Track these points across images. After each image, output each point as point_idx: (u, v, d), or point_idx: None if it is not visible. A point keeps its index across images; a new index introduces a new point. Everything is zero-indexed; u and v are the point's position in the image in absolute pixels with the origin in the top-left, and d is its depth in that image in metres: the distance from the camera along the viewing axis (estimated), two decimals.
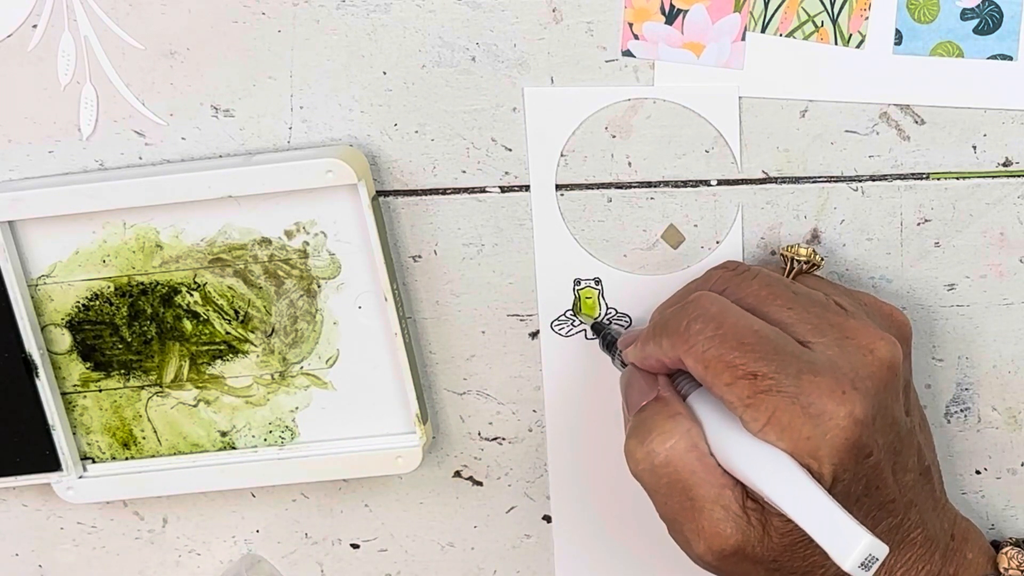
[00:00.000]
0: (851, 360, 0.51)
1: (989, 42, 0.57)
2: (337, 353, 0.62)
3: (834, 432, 0.50)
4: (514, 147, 0.60)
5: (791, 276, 0.57)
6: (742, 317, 0.52)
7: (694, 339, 0.51)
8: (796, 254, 0.57)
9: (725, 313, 0.52)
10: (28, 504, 0.68)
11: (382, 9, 0.58)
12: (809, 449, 0.50)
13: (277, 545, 0.68)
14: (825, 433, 0.49)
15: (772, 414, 0.50)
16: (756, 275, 0.55)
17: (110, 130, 0.61)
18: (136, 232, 0.61)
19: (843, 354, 0.51)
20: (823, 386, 0.50)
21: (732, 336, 0.51)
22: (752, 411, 0.50)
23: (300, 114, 0.60)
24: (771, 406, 0.50)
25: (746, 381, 0.50)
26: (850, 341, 0.52)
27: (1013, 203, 0.60)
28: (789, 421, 0.50)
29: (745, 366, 0.50)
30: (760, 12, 0.57)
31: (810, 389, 0.50)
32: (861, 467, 0.51)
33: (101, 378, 0.63)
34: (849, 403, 0.50)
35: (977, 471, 0.64)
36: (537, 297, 0.62)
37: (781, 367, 0.50)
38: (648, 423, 0.53)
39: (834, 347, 0.52)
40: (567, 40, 0.58)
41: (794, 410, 0.50)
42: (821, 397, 0.50)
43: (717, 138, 0.59)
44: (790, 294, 0.54)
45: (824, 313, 0.53)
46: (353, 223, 0.60)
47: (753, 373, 0.50)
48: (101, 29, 0.59)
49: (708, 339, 0.51)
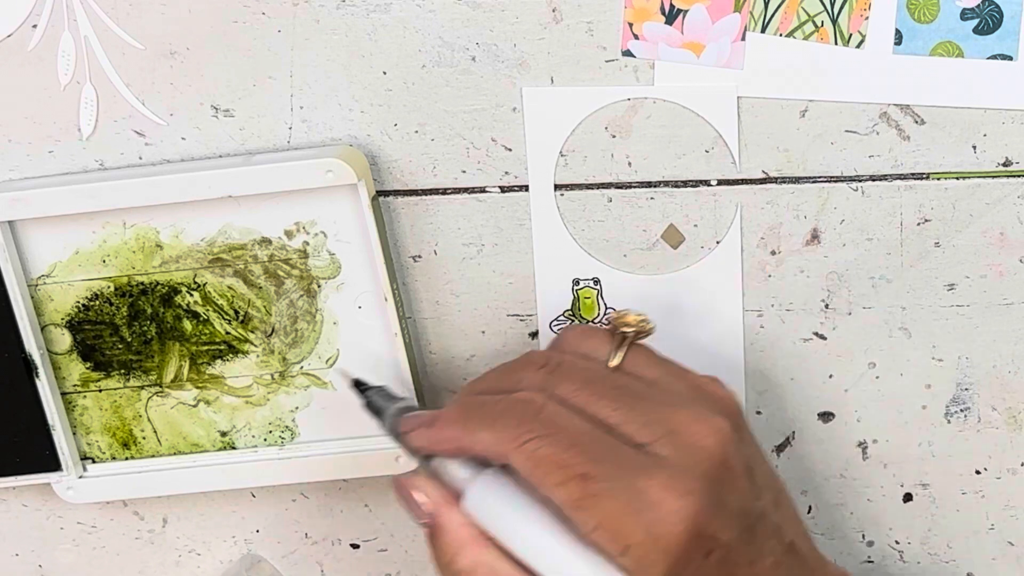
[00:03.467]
0: (681, 458, 0.50)
1: (989, 42, 0.57)
2: (337, 353, 0.62)
3: (667, 536, 0.48)
4: (514, 147, 0.60)
5: (620, 349, 0.54)
6: (574, 417, 0.51)
7: (524, 437, 0.50)
8: (625, 324, 0.54)
9: (557, 413, 0.51)
10: (28, 504, 0.68)
11: (382, 9, 0.58)
12: (639, 554, 0.49)
13: (277, 545, 0.68)
14: (657, 538, 0.48)
15: (602, 518, 0.49)
16: (571, 370, 0.53)
17: (110, 130, 0.61)
18: (136, 232, 0.61)
19: (674, 452, 0.50)
20: (655, 488, 0.49)
21: (564, 436, 0.50)
22: (582, 513, 0.49)
23: (300, 114, 0.60)
24: (602, 509, 0.48)
25: (576, 482, 0.49)
26: (678, 437, 0.50)
27: (1013, 203, 0.60)
28: (619, 526, 0.48)
29: (577, 467, 0.49)
30: (760, 12, 0.57)
31: (642, 492, 0.49)
32: (703, 568, 0.50)
33: (101, 378, 0.63)
34: (682, 504, 0.49)
35: (977, 471, 0.64)
36: (536, 297, 0.62)
37: (613, 469, 0.49)
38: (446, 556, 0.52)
39: (664, 445, 0.50)
40: (567, 40, 0.58)
41: (625, 514, 0.48)
42: (652, 500, 0.49)
43: (717, 138, 0.59)
44: (613, 392, 0.52)
45: (650, 409, 0.51)
46: (353, 223, 0.60)
47: (584, 474, 0.49)
48: (101, 29, 0.59)
49: (540, 438, 0.50)
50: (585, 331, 0.56)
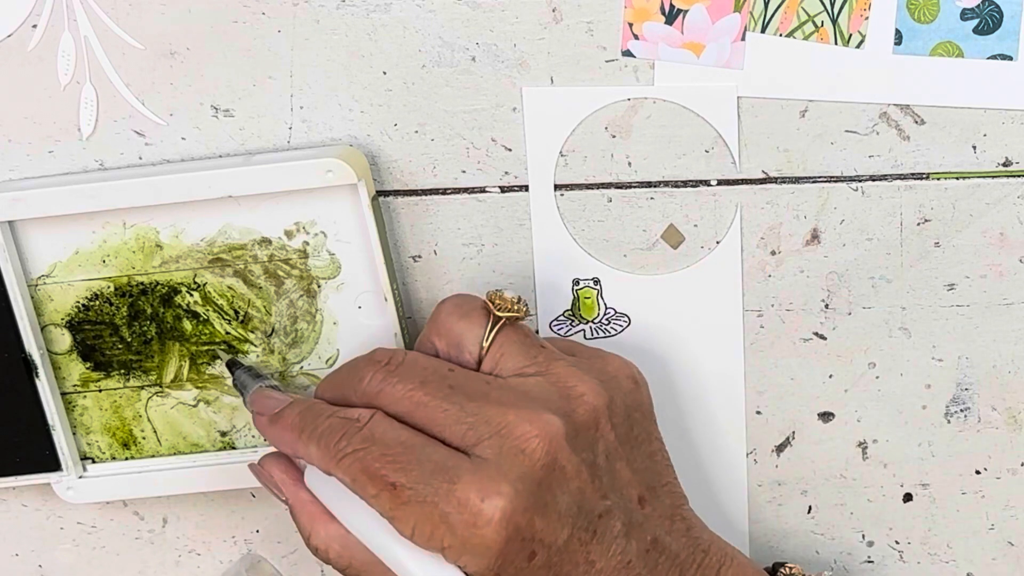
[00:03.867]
0: (500, 460, 0.51)
1: (989, 42, 0.57)
2: (337, 353, 0.62)
3: (476, 539, 0.50)
4: (514, 147, 0.60)
5: (493, 332, 0.55)
6: (390, 429, 0.52)
7: (341, 453, 0.52)
8: (499, 305, 0.55)
9: (373, 427, 0.52)
10: (28, 504, 0.68)
11: (382, 9, 0.58)
12: (453, 557, 0.51)
13: (277, 545, 0.68)
14: (466, 540, 0.50)
15: (415, 524, 0.51)
16: (411, 370, 0.54)
17: (110, 130, 0.61)
18: (136, 232, 0.61)
19: (495, 454, 0.51)
20: (463, 493, 0.50)
21: (376, 449, 0.52)
22: (397, 521, 0.51)
23: (300, 114, 0.60)
24: (413, 516, 0.51)
25: (388, 492, 0.51)
26: (502, 439, 0.51)
27: (1013, 203, 0.60)
28: (431, 530, 0.51)
29: (387, 477, 0.51)
30: (760, 12, 0.57)
31: (447, 497, 0.50)
32: (526, 571, 0.51)
33: (101, 378, 0.63)
34: (489, 507, 0.50)
35: (977, 471, 0.64)
36: (536, 297, 0.62)
37: (421, 477, 0.51)
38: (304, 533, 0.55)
39: (488, 447, 0.51)
40: (567, 40, 0.58)
41: (433, 519, 0.50)
42: (460, 505, 0.50)
43: (717, 138, 0.59)
44: (445, 389, 0.53)
45: (479, 410, 0.52)
46: (353, 223, 0.60)
47: (393, 484, 0.51)
48: (101, 29, 0.59)
49: (353, 452, 0.52)
50: (462, 309, 0.56)
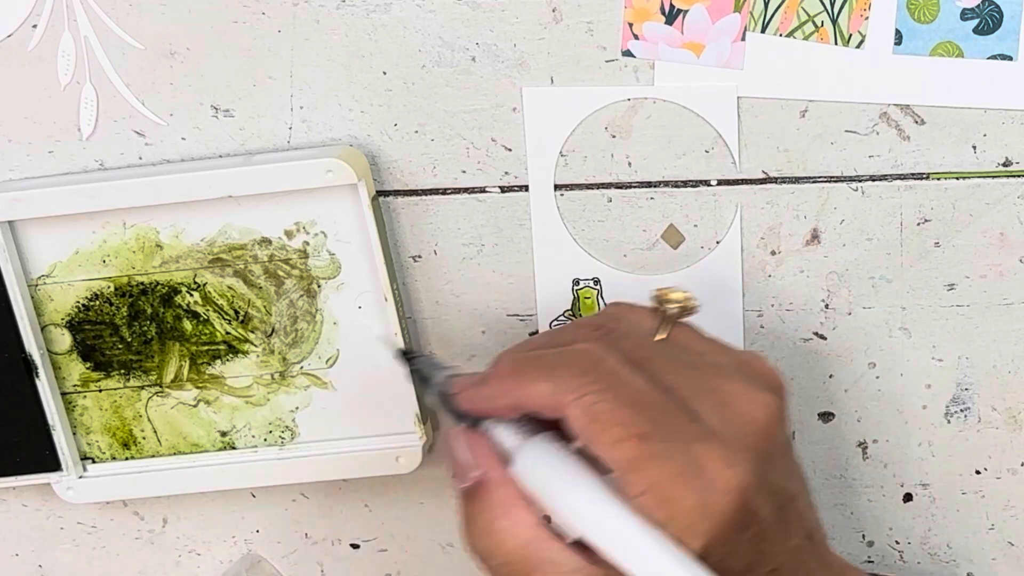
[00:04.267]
0: (732, 428, 0.49)
1: (989, 42, 0.57)
2: (337, 353, 0.62)
3: (716, 505, 0.47)
4: (514, 147, 0.60)
5: (664, 326, 0.53)
6: (636, 375, 0.49)
7: (585, 388, 0.48)
8: (668, 300, 0.53)
9: (619, 369, 0.49)
10: (28, 504, 0.68)
11: (382, 9, 0.58)
12: (688, 522, 0.47)
13: (277, 545, 0.68)
14: (705, 506, 0.47)
15: (654, 480, 0.47)
16: (626, 337, 0.52)
17: (110, 130, 0.61)
18: (136, 232, 0.61)
19: (724, 422, 0.49)
20: (709, 456, 0.48)
21: (626, 393, 0.48)
22: (634, 475, 0.47)
23: (300, 114, 0.60)
24: (655, 471, 0.47)
25: (633, 442, 0.47)
26: (728, 408, 0.49)
27: (1013, 203, 0.60)
28: (671, 491, 0.47)
29: (636, 426, 0.47)
30: (760, 12, 0.57)
31: (696, 458, 0.47)
32: (741, 540, 0.49)
33: (101, 378, 0.63)
34: (732, 475, 0.48)
35: (977, 471, 0.64)
36: (536, 297, 0.62)
37: (671, 432, 0.47)
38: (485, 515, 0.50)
39: (715, 414, 0.49)
40: (567, 40, 0.58)
41: (677, 479, 0.47)
42: (704, 467, 0.47)
43: (717, 138, 0.59)
44: (664, 358, 0.51)
45: (701, 378, 0.50)
46: (353, 223, 0.60)
47: (641, 434, 0.47)
48: (101, 29, 0.59)
49: (601, 391, 0.48)
50: (629, 307, 0.54)
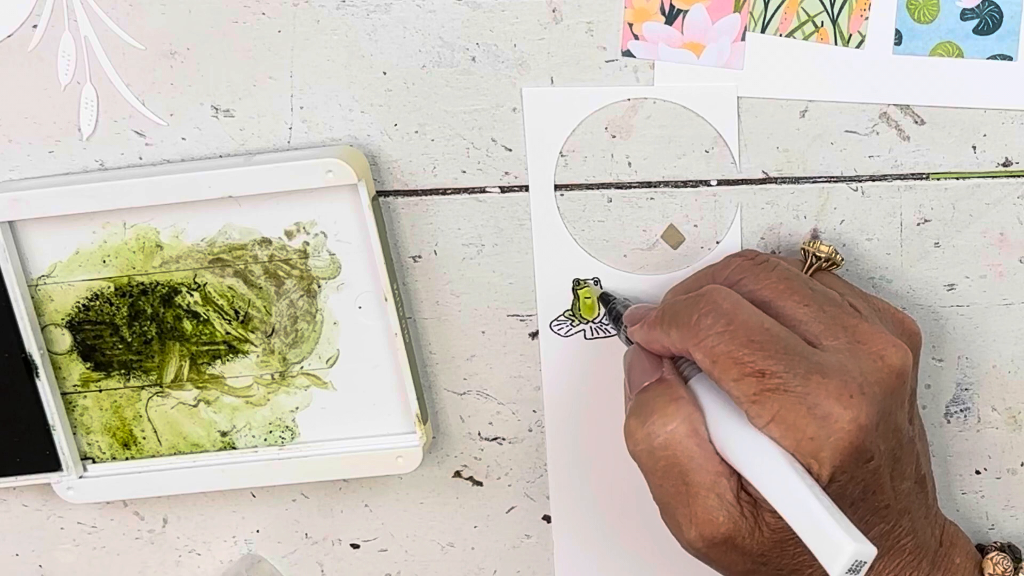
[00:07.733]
0: (861, 364, 0.51)
1: (989, 42, 0.57)
2: (337, 353, 0.62)
3: (838, 435, 0.50)
4: (514, 147, 0.60)
5: (809, 272, 0.57)
6: (754, 315, 0.52)
7: (704, 333, 0.51)
8: (817, 250, 0.57)
9: (737, 309, 0.52)
10: (28, 504, 0.68)
11: (382, 9, 0.58)
12: (811, 449, 0.50)
13: (277, 545, 0.68)
14: (829, 435, 0.50)
15: (777, 412, 0.50)
16: (775, 267, 0.55)
17: (110, 130, 0.61)
18: (136, 232, 0.61)
19: (853, 358, 0.51)
20: (830, 388, 0.50)
21: (742, 333, 0.51)
22: (757, 407, 0.50)
23: (300, 114, 0.60)
24: (776, 404, 0.50)
25: (753, 379, 0.50)
26: (861, 345, 0.52)
27: (1013, 203, 0.60)
28: (793, 420, 0.50)
29: (753, 364, 0.50)
30: (760, 12, 0.57)
31: (817, 390, 0.50)
32: (860, 471, 0.51)
33: (101, 378, 0.63)
34: (855, 407, 0.50)
35: (977, 471, 0.64)
36: (536, 297, 0.62)
37: (789, 366, 0.50)
38: (650, 404, 0.53)
39: (845, 350, 0.52)
40: (567, 40, 0.58)
41: (799, 410, 0.50)
42: (827, 399, 0.50)
43: (717, 138, 0.59)
44: (807, 290, 0.54)
45: (838, 314, 0.53)
46: (353, 223, 0.60)
47: (761, 371, 0.50)
48: (101, 29, 0.59)
49: (718, 334, 0.51)
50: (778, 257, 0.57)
